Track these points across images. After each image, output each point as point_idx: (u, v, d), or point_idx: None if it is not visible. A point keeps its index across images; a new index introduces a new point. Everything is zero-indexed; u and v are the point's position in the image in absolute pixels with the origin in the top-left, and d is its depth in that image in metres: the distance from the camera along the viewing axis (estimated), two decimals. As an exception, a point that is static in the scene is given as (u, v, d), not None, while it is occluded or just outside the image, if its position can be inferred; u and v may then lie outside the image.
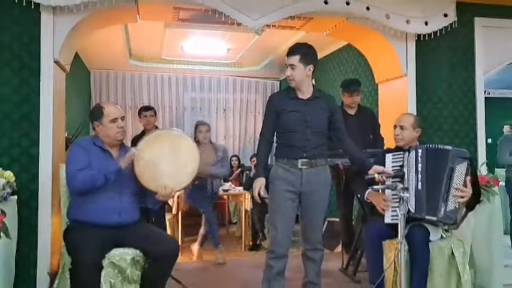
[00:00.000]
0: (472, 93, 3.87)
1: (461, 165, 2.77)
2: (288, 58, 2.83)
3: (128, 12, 3.38)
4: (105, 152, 2.64)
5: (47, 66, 3.07)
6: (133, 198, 2.66)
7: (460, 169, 2.76)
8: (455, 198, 2.73)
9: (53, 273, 2.92)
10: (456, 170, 2.76)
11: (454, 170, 2.76)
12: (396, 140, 2.99)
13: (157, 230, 2.74)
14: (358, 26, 3.58)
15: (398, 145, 2.99)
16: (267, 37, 5.66)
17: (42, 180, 3.01)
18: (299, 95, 2.85)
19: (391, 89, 3.99)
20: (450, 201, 2.73)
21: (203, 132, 4.54)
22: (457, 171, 2.76)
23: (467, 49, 3.86)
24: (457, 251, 2.83)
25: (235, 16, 3.24)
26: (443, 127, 3.83)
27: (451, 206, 2.73)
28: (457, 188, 2.74)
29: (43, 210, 3.00)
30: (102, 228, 2.47)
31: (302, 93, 2.85)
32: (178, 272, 3.43)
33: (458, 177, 2.75)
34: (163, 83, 7.78)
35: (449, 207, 2.73)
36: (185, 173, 2.64)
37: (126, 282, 2.48)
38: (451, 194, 2.73)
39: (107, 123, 2.61)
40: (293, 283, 3.26)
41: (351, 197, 3.99)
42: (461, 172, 2.76)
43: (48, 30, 3.08)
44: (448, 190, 2.74)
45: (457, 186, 2.74)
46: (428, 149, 2.82)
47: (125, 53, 6.46)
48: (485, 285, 3.36)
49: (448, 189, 2.74)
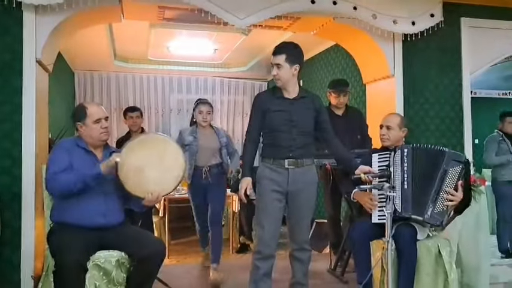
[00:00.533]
0: (459, 94, 3.90)
1: (454, 169, 2.77)
2: (274, 57, 2.83)
3: (112, 12, 3.34)
4: (89, 153, 2.59)
5: (30, 66, 3.02)
6: (119, 200, 2.62)
7: (453, 172, 2.77)
8: (444, 200, 2.74)
9: (36, 276, 2.86)
10: (449, 173, 2.76)
11: (447, 173, 2.76)
12: (382, 140, 2.99)
13: (142, 231, 2.70)
14: (346, 25, 3.58)
15: (384, 145, 3.00)
16: (254, 37, 5.64)
17: (25, 182, 2.95)
18: (285, 95, 2.84)
19: (378, 89, 4.00)
20: (438, 203, 2.74)
21: (203, 113, 3.87)
22: (449, 174, 2.76)
23: (454, 49, 3.89)
24: (444, 250, 2.84)
25: (222, 15, 3.21)
26: (430, 127, 3.85)
27: (439, 208, 2.74)
28: (447, 191, 2.74)
29: (26, 213, 2.94)
30: (87, 230, 2.43)
31: (288, 92, 2.84)
32: (166, 274, 3.38)
33: (450, 180, 2.76)
34: (149, 84, 7.68)
35: (437, 209, 2.74)
36: (171, 178, 2.58)
37: (111, 284, 2.44)
38: (441, 196, 2.74)
39: (90, 123, 2.55)
40: (280, 285, 3.24)
41: (338, 198, 3.98)
42: (453, 175, 2.76)
43: (30, 29, 3.02)
44: (438, 192, 2.74)
45: (447, 189, 2.74)
46: (415, 149, 2.83)
47: (109, 54, 6.37)
48: (472, 284, 3.38)
49: (438, 191, 2.74)
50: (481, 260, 3.40)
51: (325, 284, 3.56)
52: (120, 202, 2.63)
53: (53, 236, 2.49)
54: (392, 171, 2.77)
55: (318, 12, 3.43)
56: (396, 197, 2.71)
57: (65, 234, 2.39)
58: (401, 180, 2.75)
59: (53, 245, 2.43)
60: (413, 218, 2.74)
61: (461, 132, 3.90)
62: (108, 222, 2.51)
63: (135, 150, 2.54)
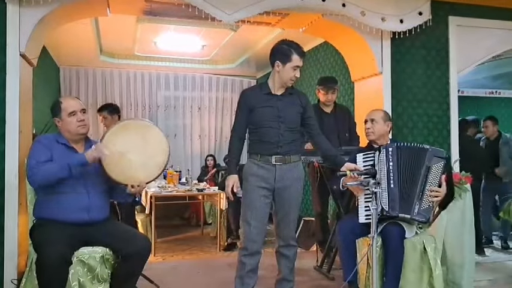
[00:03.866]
0: (446, 92, 3.92)
1: (437, 165, 2.79)
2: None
3: (98, 5, 3.29)
4: (70, 149, 2.54)
5: (13, 59, 2.95)
6: (103, 195, 2.58)
7: (436, 168, 2.78)
8: (430, 197, 2.76)
9: (20, 273, 2.81)
10: (432, 169, 2.78)
11: (430, 169, 2.78)
12: (367, 134, 3.00)
13: (127, 227, 2.67)
14: (334, 23, 3.58)
15: (369, 139, 3.01)
16: (243, 34, 5.61)
17: (8, 177, 2.88)
18: (272, 91, 2.84)
19: (366, 87, 4.01)
20: (424, 200, 2.76)
21: None
22: (433, 171, 2.78)
23: (442, 48, 3.91)
24: (429, 246, 2.85)
25: (209, 10, 3.18)
26: (418, 125, 3.87)
27: (425, 205, 2.76)
28: (431, 188, 2.76)
29: (9, 209, 2.88)
30: (70, 226, 2.39)
31: (276, 89, 2.84)
32: (151, 271, 3.36)
33: (434, 177, 2.78)
34: (135, 80, 7.61)
35: (423, 206, 2.76)
36: (154, 164, 2.56)
37: (95, 280, 2.41)
38: (426, 193, 2.76)
39: (65, 117, 2.51)
40: (268, 281, 3.24)
41: (326, 195, 3.99)
42: (436, 171, 2.78)
43: (14, 22, 2.96)
44: (423, 189, 2.76)
45: (432, 185, 2.76)
46: (399, 147, 2.84)
47: (95, 49, 6.28)
48: (457, 281, 3.41)
49: (423, 188, 2.76)
50: (466, 257, 3.43)
51: (312, 281, 3.56)
52: (104, 197, 2.59)
53: (36, 231, 2.44)
54: (378, 170, 2.78)
55: (307, 8, 3.42)
56: (383, 196, 2.72)
57: (48, 229, 2.35)
58: (387, 179, 2.77)
59: (36, 239, 2.38)
60: (400, 216, 2.75)
61: (448, 130, 3.92)
62: (91, 218, 2.47)
63: (118, 135, 2.51)
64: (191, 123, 7.92)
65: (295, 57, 2.79)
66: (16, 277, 2.82)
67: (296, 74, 2.81)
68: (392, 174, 2.77)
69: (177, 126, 7.85)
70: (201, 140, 7.98)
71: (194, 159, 7.90)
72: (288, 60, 2.78)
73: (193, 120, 7.94)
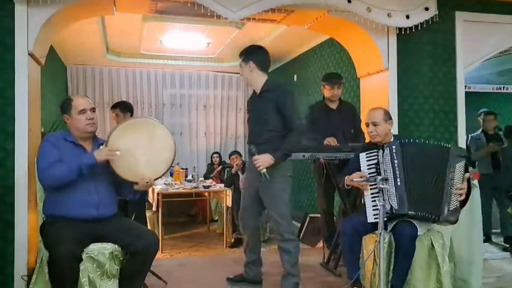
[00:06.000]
0: (453, 88, 3.89)
1: (460, 164, 2.78)
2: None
3: (104, 4, 3.30)
4: (78, 146, 2.57)
5: (22, 58, 2.98)
6: (111, 191, 2.61)
7: (460, 167, 2.77)
8: (457, 196, 2.75)
9: (30, 269, 2.84)
10: (456, 169, 2.76)
11: (454, 169, 2.76)
12: (372, 137, 2.98)
13: (136, 224, 2.70)
14: (340, 19, 3.57)
15: (374, 141, 2.99)
16: (248, 31, 5.62)
17: (18, 175, 2.91)
18: (256, 92, 3.06)
19: (372, 83, 4.01)
20: (453, 201, 2.74)
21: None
22: (457, 170, 2.76)
23: (448, 43, 3.88)
24: (437, 242, 2.84)
25: (215, 8, 3.18)
26: (424, 121, 3.85)
27: (454, 205, 2.75)
28: (458, 187, 2.74)
29: (19, 206, 2.91)
30: (79, 222, 2.42)
31: (257, 89, 3.05)
32: (159, 268, 3.39)
33: (458, 176, 2.76)
34: (141, 78, 7.65)
35: (452, 207, 2.75)
36: (161, 161, 2.59)
37: (105, 277, 2.43)
38: (453, 193, 2.74)
39: (75, 115, 2.55)
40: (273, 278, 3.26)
41: (332, 192, 3.99)
42: (460, 170, 2.77)
43: (22, 22, 2.98)
44: (450, 189, 2.74)
45: (458, 185, 2.75)
46: (403, 145, 2.82)
47: (101, 48, 6.32)
48: (465, 277, 3.39)
49: (450, 188, 2.74)
50: (475, 253, 3.41)
51: (318, 277, 3.56)
52: (112, 194, 2.62)
53: (46, 228, 2.47)
54: (383, 168, 2.78)
55: (312, 5, 3.41)
56: (391, 194, 2.73)
57: (58, 226, 2.38)
58: (394, 177, 2.76)
59: (46, 237, 2.42)
60: (410, 214, 2.74)
61: (455, 126, 3.90)
62: (100, 214, 2.50)
63: (124, 133, 2.53)
64: (197, 121, 7.95)
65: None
66: (26, 273, 2.86)
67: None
68: (399, 172, 2.76)
69: (183, 124, 7.88)
70: (207, 137, 8.01)
71: (200, 157, 7.93)
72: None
73: (198, 118, 7.97)
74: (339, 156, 3.50)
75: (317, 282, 3.41)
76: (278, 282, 3.08)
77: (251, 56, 3.06)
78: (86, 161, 2.43)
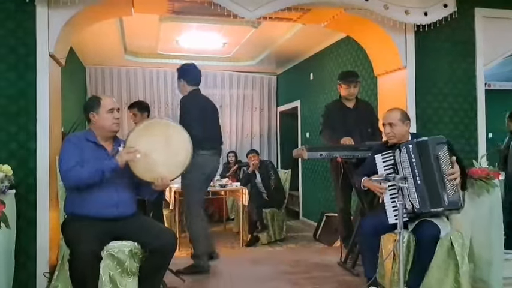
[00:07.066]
0: (473, 86, 3.84)
1: (443, 150, 2.80)
2: None
3: (123, 5, 3.35)
4: (99, 146, 2.61)
5: (43, 60, 3.05)
6: (130, 191, 2.64)
7: (444, 154, 2.79)
8: (451, 182, 2.75)
9: (51, 266, 2.91)
10: (441, 156, 2.78)
11: (439, 157, 2.78)
12: (389, 138, 2.98)
13: (154, 222, 2.73)
14: (357, 17, 3.55)
15: (391, 142, 2.98)
16: (264, 30, 5.62)
17: (39, 174, 2.99)
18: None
19: (390, 81, 3.97)
20: (448, 187, 2.75)
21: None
22: (441, 157, 2.78)
23: (468, 40, 3.83)
24: (456, 242, 2.82)
25: (231, 7, 3.20)
26: (443, 119, 3.80)
27: (451, 191, 2.75)
28: (448, 173, 2.75)
29: (41, 204, 2.98)
30: (99, 221, 2.46)
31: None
32: (176, 266, 3.41)
33: (445, 162, 2.78)
34: (158, 78, 7.72)
35: (450, 193, 2.75)
36: (177, 162, 2.62)
37: (124, 274, 2.47)
38: (447, 180, 2.75)
39: (103, 113, 2.59)
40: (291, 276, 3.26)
41: (349, 191, 3.97)
42: (445, 156, 2.79)
43: (43, 23, 3.05)
44: (443, 177, 2.76)
45: (447, 170, 2.76)
46: (418, 144, 2.82)
47: (120, 48, 6.41)
48: (484, 278, 3.34)
49: (442, 177, 2.76)
50: (494, 253, 3.36)
51: (336, 276, 3.55)
52: (131, 193, 2.66)
53: (67, 226, 2.52)
54: (401, 168, 2.78)
55: (329, 3, 3.41)
56: (411, 193, 2.73)
57: (79, 225, 2.42)
58: (413, 176, 2.76)
59: (67, 236, 2.46)
60: (433, 211, 2.73)
61: (475, 125, 3.85)
62: (120, 213, 2.54)
63: (142, 134, 2.57)
64: (213, 121, 7.97)
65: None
66: (48, 270, 2.93)
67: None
68: (417, 171, 2.76)
69: (199, 123, 7.91)
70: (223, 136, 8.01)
71: (216, 156, 7.95)
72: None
73: (214, 118, 7.99)
74: (356, 155, 3.49)
75: (334, 282, 3.40)
76: (296, 280, 3.07)
77: (180, 76, 3.75)
78: (109, 165, 2.47)
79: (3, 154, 2.95)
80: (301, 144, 6.88)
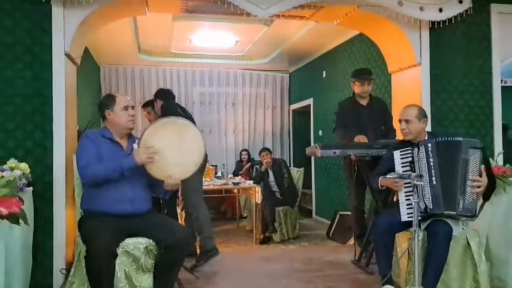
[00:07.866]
0: (489, 82, 3.80)
1: (474, 156, 2.73)
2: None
3: (137, 5, 3.39)
4: (115, 143, 2.65)
5: (59, 59, 3.09)
6: (145, 188, 2.67)
7: (474, 159, 2.72)
8: (472, 189, 2.70)
9: (68, 263, 2.95)
10: (470, 161, 2.72)
11: (468, 162, 2.71)
12: (404, 135, 2.95)
13: (169, 219, 2.75)
14: (370, 14, 3.53)
15: (406, 139, 2.94)
16: (276, 28, 5.62)
17: (56, 171, 3.03)
18: None
19: (404, 78, 3.94)
20: (468, 194, 2.70)
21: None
22: (471, 162, 2.72)
23: (483, 36, 3.78)
24: (473, 241, 2.79)
25: (244, 5, 3.21)
26: (459, 117, 3.76)
27: (469, 198, 2.70)
28: (472, 179, 2.69)
29: (58, 201, 3.03)
30: (115, 218, 2.49)
31: None
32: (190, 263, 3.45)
33: (473, 168, 2.71)
34: (172, 77, 7.78)
35: (468, 200, 2.70)
36: (190, 162, 2.64)
37: (140, 270, 2.50)
38: (468, 186, 2.70)
39: (118, 110, 2.63)
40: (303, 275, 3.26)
41: (363, 189, 3.95)
42: (475, 162, 2.72)
43: (58, 23, 3.09)
44: (465, 182, 2.70)
45: (472, 177, 2.70)
46: (438, 143, 2.78)
47: (134, 48, 6.46)
48: (502, 277, 3.30)
49: (464, 182, 2.70)
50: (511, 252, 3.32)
51: (350, 275, 3.54)
52: (147, 191, 2.68)
53: (83, 223, 2.56)
54: (418, 167, 2.74)
55: (342, 0, 3.39)
56: (426, 193, 2.69)
57: (95, 222, 2.46)
58: (429, 176, 2.72)
59: (84, 232, 2.50)
60: (445, 213, 2.70)
61: (491, 122, 3.80)
62: (135, 210, 2.56)
63: (156, 133, 2.59)
64: (225, 119, 8.02)
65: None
66: (64, 267, 2.97)
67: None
68: (434, 171, 2.72)
69: (212, 121, 7.97)
70: (235, 134, 8.06)
71: (229, 154, 7.99)
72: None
73: (227, 116, 8.03)
74: (370, 153, 3.47)
75: (348, 280, 3.39)
76: (309, 278, 3.07)
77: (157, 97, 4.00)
78: (127, 163, 2.50)
79: (20, 152, 2.99)
80: (314, 142, 6.86)
